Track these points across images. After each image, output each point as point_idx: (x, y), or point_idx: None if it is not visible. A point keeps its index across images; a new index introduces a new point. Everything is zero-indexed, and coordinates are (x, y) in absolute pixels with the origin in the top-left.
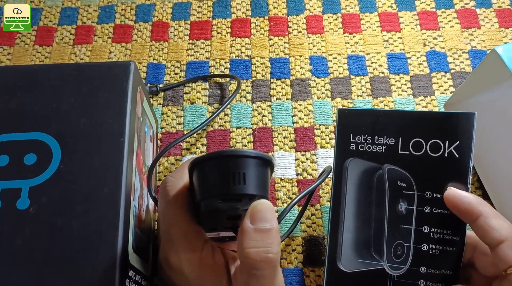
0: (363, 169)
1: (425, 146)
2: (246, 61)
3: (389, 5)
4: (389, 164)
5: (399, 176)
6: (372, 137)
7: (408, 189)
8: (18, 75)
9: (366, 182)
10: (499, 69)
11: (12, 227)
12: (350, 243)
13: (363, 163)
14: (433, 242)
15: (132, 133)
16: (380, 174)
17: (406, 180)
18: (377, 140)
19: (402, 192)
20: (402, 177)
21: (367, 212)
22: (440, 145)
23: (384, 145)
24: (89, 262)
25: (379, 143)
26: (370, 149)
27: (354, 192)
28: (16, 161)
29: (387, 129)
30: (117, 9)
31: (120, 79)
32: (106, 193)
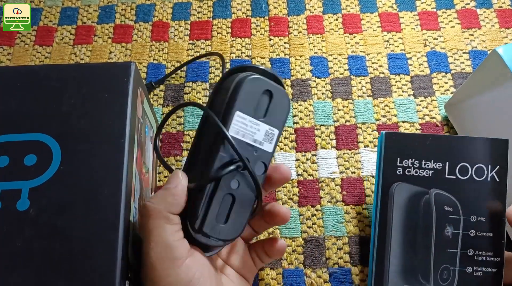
0: (409, 194)
1: (470, 170)
2: (246, 61)
3: (389, 6)
4: (436, 188)
5: (446, 200)
6: (419, 161)
7: (455, 214)
8: (18, 76)
9: (413, 207)
10: (500, 69)
11: (12, 228)
12: (396, 269)
13: (410, 187)
14: (477, 264)
15: (132, 134)
16: (427, 198)
17: (453, 204)
18: (424, 164)
19: (448, 217)
20: (449, 202)
21: (413, 237)
22: (484, 169)
23: (431, 170)
24: (89, 263)
25: (426, 168)
26: (417, 173)
27: (400, 217)
28: (16, 162)
29: (434, 153)
30: (117, 9)
31: (121, 80)
32: (106, 194)
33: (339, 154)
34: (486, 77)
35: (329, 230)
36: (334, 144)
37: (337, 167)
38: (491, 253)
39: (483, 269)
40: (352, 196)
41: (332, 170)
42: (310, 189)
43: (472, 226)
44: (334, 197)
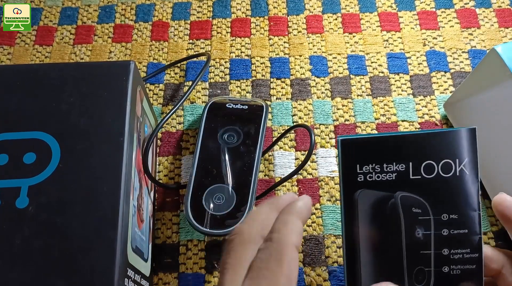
0: (374, 200)
1: (436, 167)
2: (246, 60)
3: (389, 5)
4: (401, 191)
5: (413, 202)
6: (380, 165)
7: (424, 214)
8: (18, 74)
9: (379, 213)
10: (499, 68)
11: (11, 226)
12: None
13: (374, 193)
14: (454, 263)
15: (131, 132)
16: (393, 203)
17: (421, 205)
18: (386, 167)
19: (417, 218)
20: (417, 203)
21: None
22: (451, 164)
23: (394, 172)
24: (88, 261)
25: (388, 171)
26: (379, 178)
27: (367, 225)
28: (16, 160)
29: (396, 154)
30: (117, 9)
31: (120, 78)
32: (105, 192)
33: None
34: (485, 76)
35: (329, 229)
36: (333, 143)
37: (337, 166)
38: (467, 250)
39: (460, 266)
40: None
41: (332, 168)
42: (309, 187)
43: (445, 225)
44: (333, 196)
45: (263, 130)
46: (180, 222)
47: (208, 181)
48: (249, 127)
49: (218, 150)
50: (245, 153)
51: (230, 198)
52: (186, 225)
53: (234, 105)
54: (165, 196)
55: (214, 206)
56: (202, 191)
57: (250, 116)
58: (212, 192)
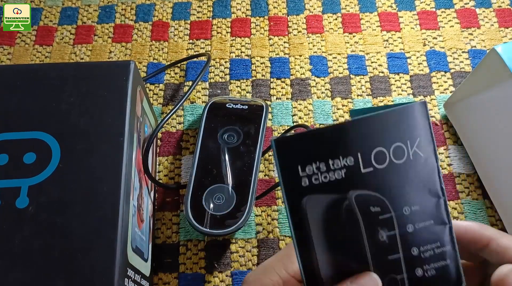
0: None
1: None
2: (246, 60)
3: (389, 5)
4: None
5: (370, 200)
6: (325, 163)
7: (384, 212)
8: (18, 74)
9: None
10: (499, 68)
11: (11, 226)
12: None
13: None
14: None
15: (131, 132)
16: (348, 205)
17: (379, 202)
18: (332, 164)
19: (378, 218)
20: (374, 201)
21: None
22: (403, 148)
23: (343, 168)
24: (88, 261)
25: (336, 168)
26: (327, 178)
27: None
28: (16, 160)
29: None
30: (117, 9)
31: (120, 78)
32: (105, 192)
33: None
34: (485, 76)
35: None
36: None
37: None
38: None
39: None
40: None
41: None
42: None
43: (408, 220)
44: None
45: (263, 130)
46: (180, 222)
47: (208, 181)
48: (249, 127)
49: (218, 150)
50: (245, 153)
51: (230, 198)
52: (186, 225)
53: (234, 105)
54: (165, 196)
55: (214, 206)
56: (202, 191)
57: (250, 116)
58: (212, 192)
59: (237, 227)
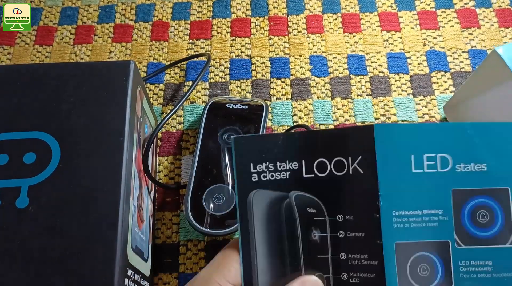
0: (269, 201)
1: (329, 166)
2: (246, 60)
3: (389, 5)
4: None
5: (307, 202)
6: (274, 164)
7: (319, 215)
8: (18, 74)
9: (275, 214)
10: (500, 69)
11: (11, 226)
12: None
13: (269, 193)
14: (352, 269)
15: (131, 132)
16: (288, 203)
17: (315, 205)
18: (279, 166)
19: (313, 219)
20: (311, 203)
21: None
22: (343, 163)
23: (288, 171)
24: (88, 261)
25: (282, 169)
26: (273, 177)
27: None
28: (16, 160)
29: (288, 153)
30: (117, 9)
31: (120, 78)
32: (105, 192)
33: None
34: (485, 78)
35: None
36: None
37: None
38: (365, 256)
39: (359, 274)
40: None
41: None
42: None
43: (340, 227)
44: None
45: (263, 130)
46: (180, 222)
47: (208, 181)
48: (249, 127)
49: (218, 150)
50: None
51: (230, 198)
52: (186, 225)
53: (234, 105)
54: (165, 196)
55: (214, 206)
56: (202, 191)
57: (250, 116)
58: (212, 192)
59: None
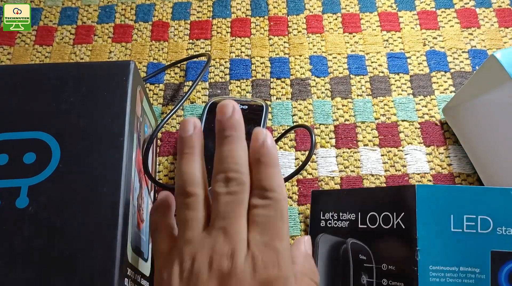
0: (331, 244)
1: (378, 219)
2: (246, 60)
3: (389, 5)
4: (352, 238)
5: (360, 249)
6: (337, 214)
7: (368, 262)
8: (18, 74)
9: (334, 256)
10: (498, 73)
11: (11, 226)
12: None
13: (331, 238)
14: None
15: (131, 132)
16: (345, 248)
17: (366, 253)
18: (341, 216)
19: (363, 265)
20: (363, 250)
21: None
22: (390, 217)
23: (347, 221)
24: (88, 261)
25: (343, 219)
26: (336, 224)
27: (324, 266)
28: (16, 160)
29: (348, 205)
30: (117, 9)
31: (120, 78)
32: (105, 193)
33: (338, 153)
34: (484, 81)
35: None
36: (333, 143)
37: (337, 166)
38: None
39: None
40: None
41: (332, 168)
42: (309, 187)
43: (384, 275)
44: None
45: None
46: None
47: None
48: (249, 127)
49: None
50: None
51: None
52: None
53: None
54: None
55: None
56: None
57: (250, 116)
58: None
59: None
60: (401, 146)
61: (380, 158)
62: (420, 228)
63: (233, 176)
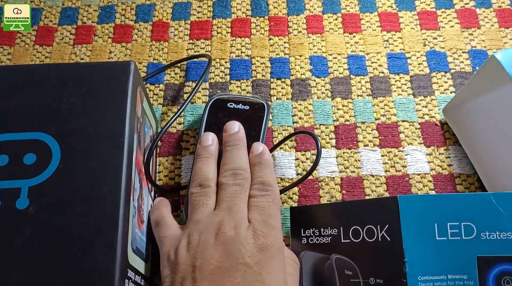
0: (314, 261)
1: (362, 232)
2: (246, 61)
3: (389, 5)
4: (335, 253)
5: (345, 264)
6: (318, 230)
7: (355, 277)
8: (18, 75)
9: (318, 273)
10: (498, 74)
11: (11, 227)
12: None
13: (314, 254)
14: None
15: (131, 133)
16: (329, 264)
17: (352, 268)
18: (322, 231)
19: (350, 281)
20: (348, 266)
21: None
22: (374, 230)
23: (329, 236)
24: (89, 262)
25: (325, 234)
26: (318, 240)
27: (309, 284)
28: (16, 160)
29: (330, 220)
30: (117, 9)
31: (120, 79)
32: (105, 193)
33: (338, 153)
34: (484, 81)
35: None
36: (333, 143)
37: (337, 166)
38: None
39: None
40: (351, 195)
41: (332, 169)
42: (309, 188)
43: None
44: (333, 196)
45: (264, 130)
46: (181, 223)
47: None
48: (250, 127)
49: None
50: None
51: None
52: None
53: (235, 104)
54: (165, 197)
55: None
56: None
57: (252, 116)
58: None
59: None
60: (401, 147)
61: (380, 158)
62: (406, 239)
63: (239, 172)
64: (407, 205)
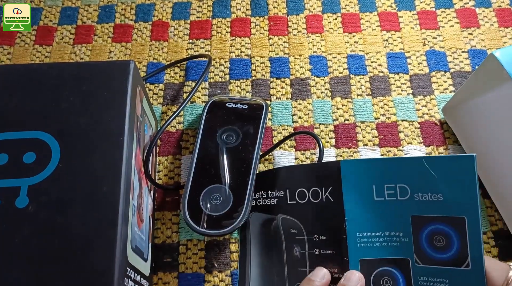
0: (261, 221)
1: (307, 194)
2: (246, 60)
3: (388, 5)
4: (281, 214)
5: (290, 223)
6: (266, 192)
7: (299, 235)
8: (18, 74)
9: (265, 233)
10: (498, 72)
11: (11, 226)
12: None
13: (261, 216)
14: None
15: (131, 132)
16: (276, 224)
17: (296, 226)
18: (270, 194)
19: (295, 238)
20: (293, 224)
21: (270, 261)
22: (318, 192)
23: (276, 198)
24: (88, 261)
25: (271, 197)
26: (265, 202)
27: (257, 243)
28: (16, 159)
29: (276, 184)
30: (117, 8)
31: (120, 78)
32: (105, 192)
33: (338, 152)
34: (484, 80)
35: None
36: (333, 143)
37: None
38: (335, 270)
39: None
40: None
41: None
42: None
43: (316, 245)
44: None
45: (262, 130)
46: (180, 222)
47: (206, 181)
48: (248, 127)
49: (216, 150)
50: (243, 153)
51: (227, 199)
52: (185, 224)
53: (234, 104)
54: (165, 196)
55: (211, 206)
56: (199, 191)
57: (250, 116)
58: (209, 192)
59: (233, 228)
60: (400, 146)
61: None
62: (347, 199)
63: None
64: (348, 168)
